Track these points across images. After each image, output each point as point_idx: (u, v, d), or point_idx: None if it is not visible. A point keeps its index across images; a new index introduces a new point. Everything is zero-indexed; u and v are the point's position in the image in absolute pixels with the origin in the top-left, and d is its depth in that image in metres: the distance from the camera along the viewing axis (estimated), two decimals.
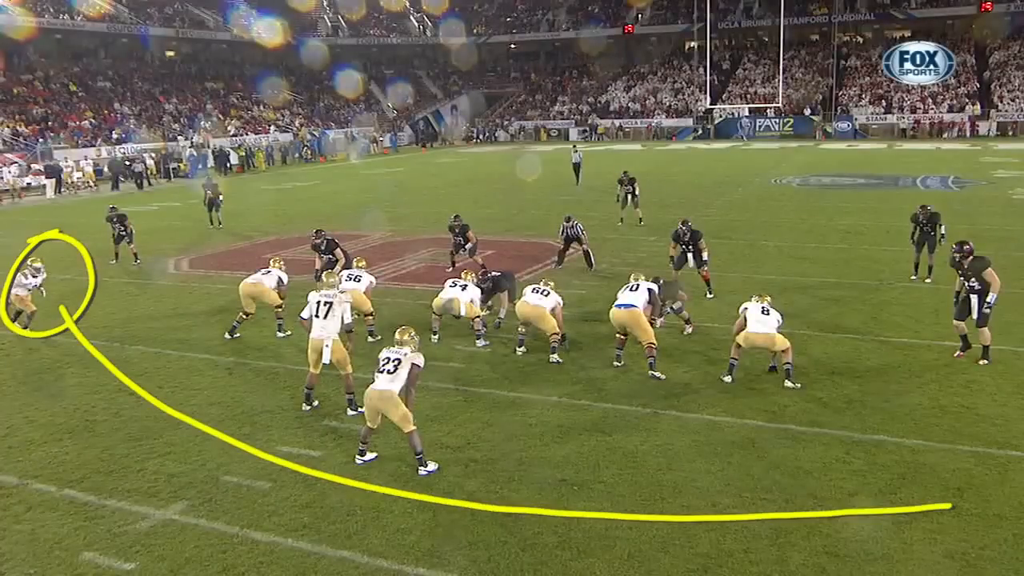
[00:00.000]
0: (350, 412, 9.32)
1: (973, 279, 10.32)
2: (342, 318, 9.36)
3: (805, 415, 9.02)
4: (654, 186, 30.81)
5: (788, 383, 9.79)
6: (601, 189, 29.59)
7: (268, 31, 61.63)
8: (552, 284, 11.45)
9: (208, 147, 47.46)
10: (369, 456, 8.14)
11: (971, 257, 10.42)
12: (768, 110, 60.51)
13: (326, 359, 9.22)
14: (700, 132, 61.20)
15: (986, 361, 10.30)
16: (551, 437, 8.64)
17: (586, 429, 8.84)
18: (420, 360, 7.93)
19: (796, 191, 29.27)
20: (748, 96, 63.47)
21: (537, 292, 11.25)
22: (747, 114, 60.91)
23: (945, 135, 53.27)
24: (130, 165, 39.58)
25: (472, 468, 7.97)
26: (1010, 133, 52.36)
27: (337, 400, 9.70)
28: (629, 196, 21.69)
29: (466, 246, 16.32)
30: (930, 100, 57.19)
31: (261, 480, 7.82)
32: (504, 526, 6.88)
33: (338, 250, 14.30)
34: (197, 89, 58.49)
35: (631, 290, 10.74)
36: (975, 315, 10.29)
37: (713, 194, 27.84)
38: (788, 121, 59.24)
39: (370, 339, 12.00)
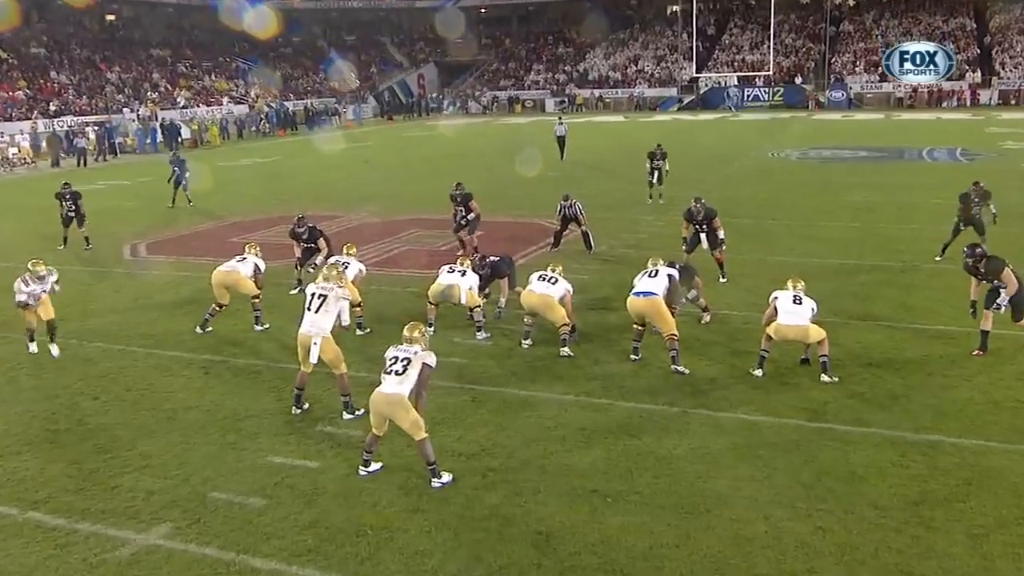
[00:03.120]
0: (346, 416, 8.88)
1: (994, 280, 10.04)
2: (338, 316, 8.95)
3: (848, 413, 8.73)
4: (641, 161, 30.59)
5: (824, 377, 9.50)
6: (588, 164, 29.37)
7: None
8: (560, 270, 11.05)
9: (156, 120, 46.32)
10: (374, 467, 7.72)
11: (985, 259, 10.14)
12: (757, 79, 60.44)
13: (313, 358, 8.78)
14: (685, 102, 61.02)
15: None
16: (574, 441, 8.28)
17: (611, 432, 8.48)
18: (432, 359, 7.54)
19: (796, 165, 29.13)
20: (735, 64, 63.31)
21: (544, 279, 10.86)
22: (735, 83, 60.76)
23: (944, 104, 53.50)
24: (72, 140, 38.46)
25: (491, 478, 7.57)
26: (1013, 102, 52.70)
27: (331, 402, 9.25)
28: (658, 172, 21.28)
29: (467, 216, 15.70)
30: None
31: (254, 496, 7.36)
32: (536, 546, 6.50)
33: (321, 239, 13.67)
34: (142, 57, 57.05)
35: (649, 276, 10.37)
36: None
37: (708, 169, 27.54)
38: (778, 90, 59.23)
39: (359, 332, 11.54)
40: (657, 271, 10.42)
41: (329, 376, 9.24)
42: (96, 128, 41.60)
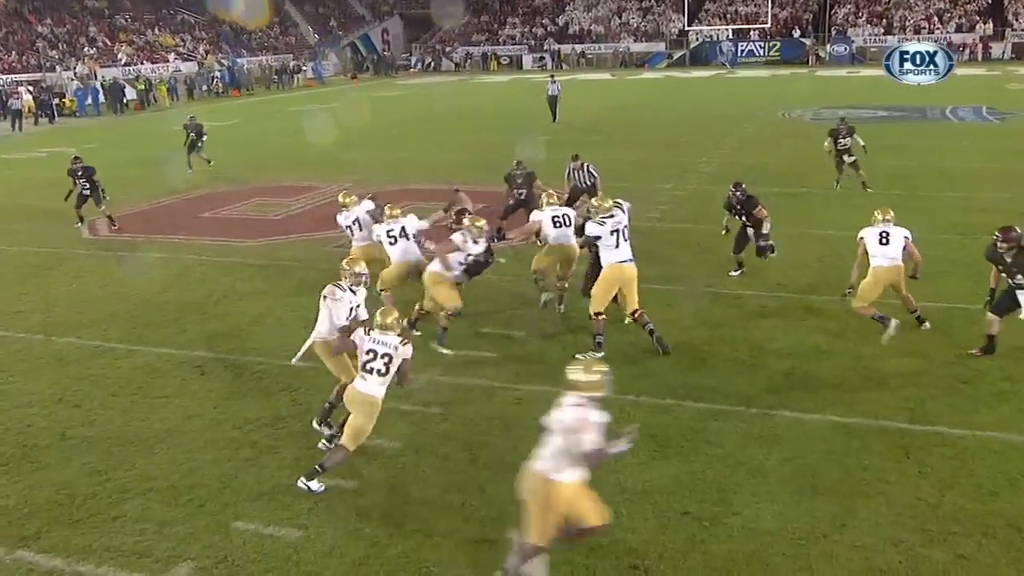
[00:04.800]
0: (315, 424, 8.10)
1: (1019, 275, 9.23)
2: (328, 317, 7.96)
3: (953, 413, 8.21)
4: (648, 123, 30.14)
5: (927, 324, 9.99)
6: (583, 127, 28.67)
7: None
8: None
9: (95, 79, 44.81)
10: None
11: (1018, 248, 9.23)
12: (752, 32, 59.90)
13: (295, 359, 8.19)
14: (675, 58, 60.39)
15: None
16: (646, 452, 7.64)
17: (686, 439, 7.90)
18: (410, 351, 7.21)
19: (812, 127, 28.57)
20: (728, 16, 62.70)
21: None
22: (729, 37, 60.17)
23: (955, 58, 53.29)
24: (5, 101, 37.00)
25: None
26: None
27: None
28: (844, 154, 18.01)
29: (522, 201, 14.24)
30: (936, 19, 57.31)
31: (286, 527, 6.69)
32: None
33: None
34: (75, 8, 55.18)
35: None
36: None
37: (719, 132, 26.98)
38: (775, 44, 58.84)
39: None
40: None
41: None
42: (31, 88, 40.10)
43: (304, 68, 58.46)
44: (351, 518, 6.77)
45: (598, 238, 9.68)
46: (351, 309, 7.88)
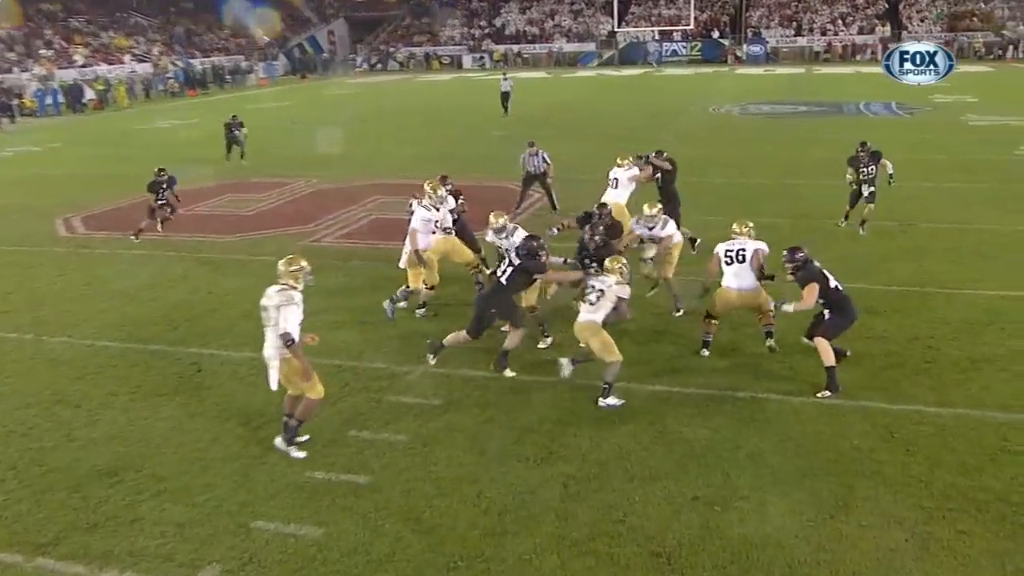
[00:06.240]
0: (278, 442, 7.27)
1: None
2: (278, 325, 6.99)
3: (927, 392, 8.12)
4: (592, 118, 29.90)
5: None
6: (534, 120, 28.32)
7: None
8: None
9: (53, 80, 42.92)
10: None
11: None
12: (675, 33, 60.02)
13: (272, 384, 7.15)
14: (604, 57, 60.23)
15: None
16: (647, 437, 7.39)
17: (683, 424, 7.64)
18: (626, 292, 8.07)
19: (743, 120, 28.72)
20: (653, 18, 62.77)
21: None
22: (655, 38, 60.19)
23: (858, 57, 54.21)
24: None
25: (574, 489, 6.65)
26: None
27: (355, 401, 8.18)
28: (866, 185, 13.60)
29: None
30: (840, 21, 58.12)
31: (307, 524, 6.26)
32: (661, 572, 5.63)
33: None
34: (30, 11, 52.72)
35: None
36: None
37: (658, 126, 26.82)
38: (695, 45, 58.98)
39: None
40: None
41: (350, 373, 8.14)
42: None
43: (256, 68, 56.87)
44: (371, 514, 6.36)
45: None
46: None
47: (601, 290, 8.03)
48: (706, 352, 9.08)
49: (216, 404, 8.30)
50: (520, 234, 9.45)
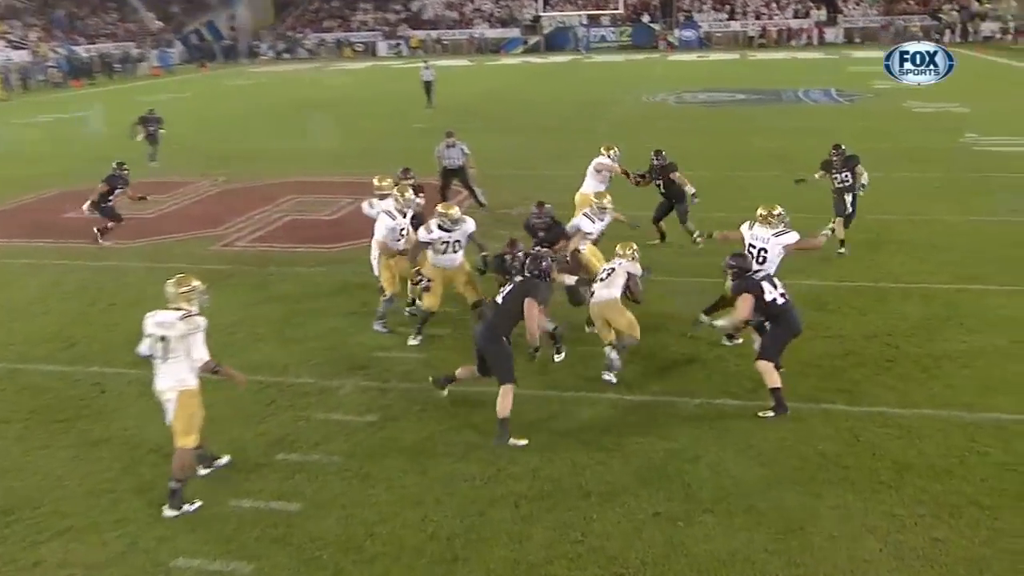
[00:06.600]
0: (168, 512, 6.64)
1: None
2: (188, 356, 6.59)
3: (889, 393, 8.31)
4: (520, 108, 30.02)
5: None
6: (457, 112, 28.19)
7: None
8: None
9: None
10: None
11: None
12: (604, 17, 60.62)
13: (168, 418, 6.68)
14: (530, 43, 60.50)
15: None
16: (602, 449, 7.38)
17: (638, 433, 7.65)
18: (636, 269, 8.78)
19: (679, 110, 29.15)
20: (579, 2, 63.24)
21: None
22: (583, 23, 60.68)
23: (793, 42, 55.66)
24: None
25: (526, 509, 6.58)
26: (857, 40, 55.41)
27: (284, 418, 7.98)
28: (847, 194, 12.63)
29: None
30: (774, 5, 59.54)
31: (235, 559, 6.06)
32: None
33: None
34: None
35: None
36: None
37: (591, 116, 27.06)
38: (625, 30, 59.74)
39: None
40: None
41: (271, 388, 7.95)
42: None
43: (148, 56, 55.47)
44: (306, 545, 6.20)
45: None
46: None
47: (612, 268, 8.81)
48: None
49: (124, 429, 8.00)
50: (471, 223, 9.55)
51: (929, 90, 29.61)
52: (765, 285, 8.07)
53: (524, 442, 7.44)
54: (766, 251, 8.98)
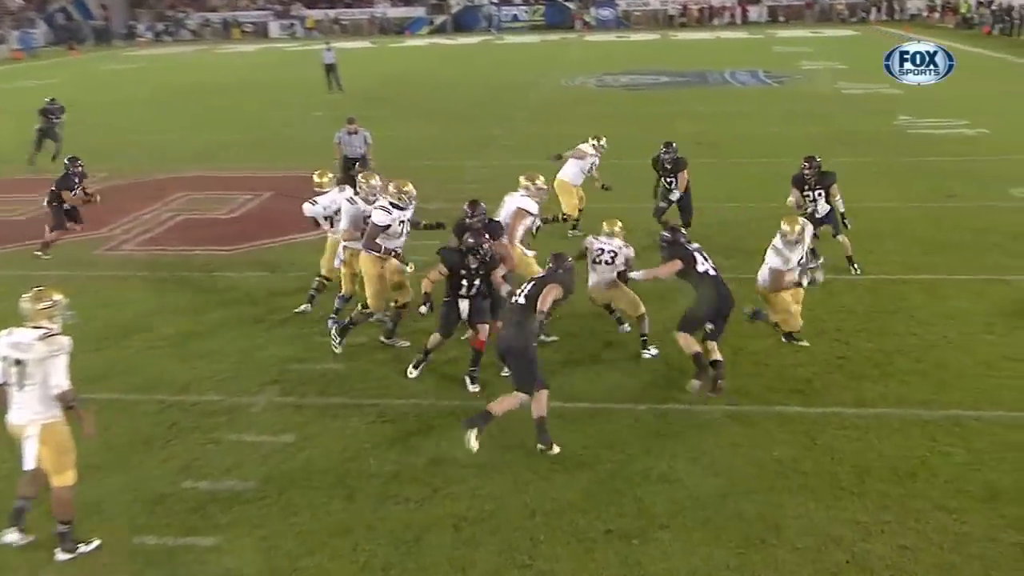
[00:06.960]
0: (61, 556, 6.28)
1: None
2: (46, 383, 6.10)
3: (842, 392, 8.48)
4: (431, 94, 29.90)
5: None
6: (363, 98, 27.92)
7: None
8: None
9: None
10: None
11: None
12: None
13: (29, 462, 6.18)
14: (436, 23, 60.29)
15: None
16: (546, 465, 7.33)
17: (584, 445, 7.62)
18: (631, 252, 9.30)
19: (599, 93, 29.38)
20: None
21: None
22: (493, 1, 60.69)
23: (715, 21, 56.73)
24: None
25: (468, 532, 6.48)
26: (781, 19, 56.82)
27: (189, 450, 7.70)
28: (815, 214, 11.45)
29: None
30: None
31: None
32: None
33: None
34: None
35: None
36: None
37: (508, 102, 27.13)
38: (538, 9, 59.99)
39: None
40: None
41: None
42: None
43: (7, 38, 53.44)
44: None
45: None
46: None
47: (613, 251, 9.22)
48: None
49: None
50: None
51: (859, 71, 30.70)
52: (698, 256, 8.52)
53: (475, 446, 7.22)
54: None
